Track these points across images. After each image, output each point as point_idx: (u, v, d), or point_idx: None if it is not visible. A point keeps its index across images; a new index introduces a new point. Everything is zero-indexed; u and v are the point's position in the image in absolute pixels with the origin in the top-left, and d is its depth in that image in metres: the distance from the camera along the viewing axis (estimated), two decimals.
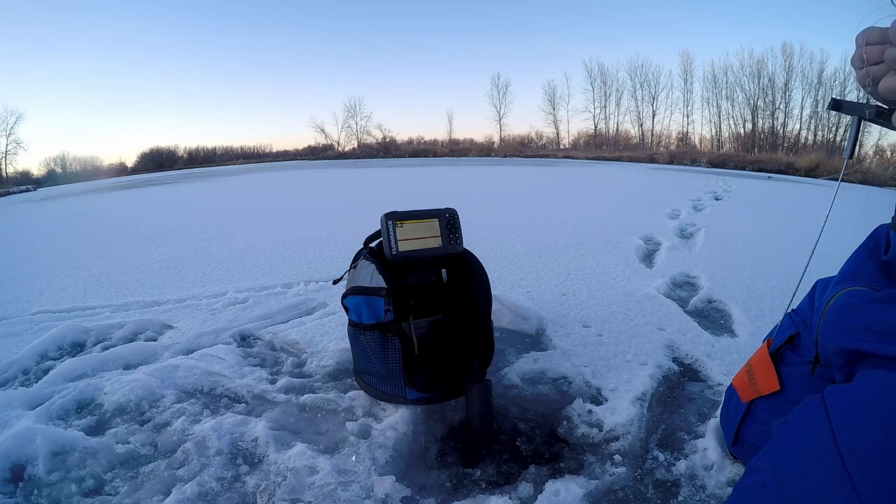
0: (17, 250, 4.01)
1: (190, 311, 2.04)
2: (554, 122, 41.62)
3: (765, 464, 0.44)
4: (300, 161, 40.29)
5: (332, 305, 1.98)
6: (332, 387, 1.34)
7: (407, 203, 4.10)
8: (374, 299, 1.12)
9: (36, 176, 40.78)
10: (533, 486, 0.95)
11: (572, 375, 1.35)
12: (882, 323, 0.47)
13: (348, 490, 0.92)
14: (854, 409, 0.39)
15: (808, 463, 0.39)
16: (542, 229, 3.68)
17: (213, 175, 19.61)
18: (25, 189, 26.74)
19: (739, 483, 0.47)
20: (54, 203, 10.76)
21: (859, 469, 0.35)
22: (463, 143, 46.49)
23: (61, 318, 2.02)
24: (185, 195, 9.54)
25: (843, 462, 0.37)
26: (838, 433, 0.38)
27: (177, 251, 3.40)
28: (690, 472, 0.99)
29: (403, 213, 1.18)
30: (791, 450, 0.42)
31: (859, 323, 0.49)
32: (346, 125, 47.60)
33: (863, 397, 0.40)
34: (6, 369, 1.54)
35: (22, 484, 1.00)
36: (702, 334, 1.65)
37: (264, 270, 2.71)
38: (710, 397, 1.26)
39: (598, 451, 1.06)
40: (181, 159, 49.92)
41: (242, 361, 1.51)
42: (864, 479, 0.35)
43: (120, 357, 1.56)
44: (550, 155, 32.53)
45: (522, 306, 1.80)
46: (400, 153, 42.59)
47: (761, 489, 0.43)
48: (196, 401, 1.30)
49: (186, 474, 1.00)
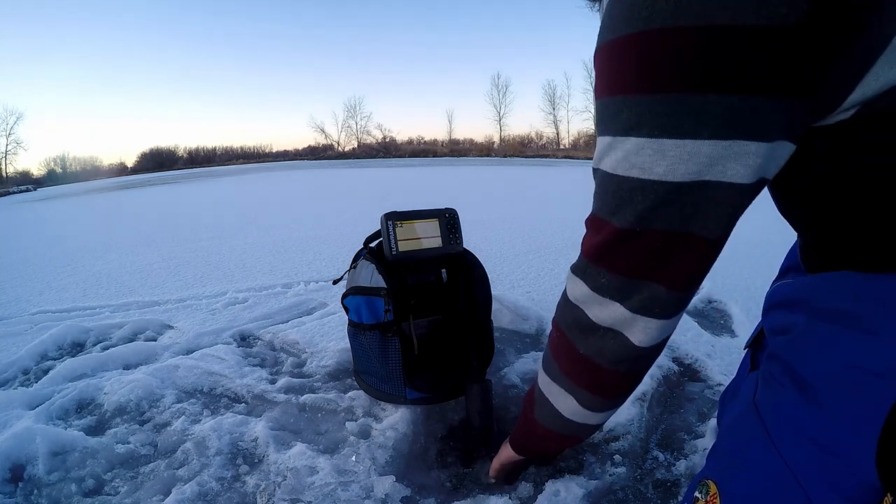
0: (17, 250, 4.01)
1: (190, 311, 2.04)
2: (554, 122, 41.71)
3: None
4: (300, 161, 40.30)
5: (332, 305, 1.98)
6: (332, 387, 1.34)
7: (407, 203, 4.10)
8: (374, 299, 1.12)
9: (36, 176, 40.83)
10: (533, 486, 0.95)
11: None
12: (766, 301, 0.51)
13: (348, 490, 0.92)
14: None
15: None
16: (543, 229, 3.68)
17: (213, 175, 19.62)
18: (25, 189, 26.75)
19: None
20: (54, 203, 10.76)
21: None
22: (463, 143, 46.56)
23: (61, 318, 2.02)
24: (185, 195, 9.54)
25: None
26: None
27: (177, 251, 3.40)
28: (690, 472, 0.98)
29: (403, 213, 1.18)
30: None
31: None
32: (346, 125, 47.65)
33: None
34: (6, 369, 1.54)
35: (22, 484, 1.00)
36: (702, 334, 1.65)
37: (264, 270, 2.71)
38: (710, 397, 1.26)
39: (598, 451, 1.06)
40: (181, 159, 49.96)
41: (242, 361, 1.51)
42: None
43: (120, 357, 1.56)
44: (550, 155, 32.54)
45: (522, 306, 1.80)
46: (400, 153, 42.61)
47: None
48: (196, 401, 1.30)
49: (186, 474, 1.00)
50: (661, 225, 0.39)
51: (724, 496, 0.41)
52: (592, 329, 0.48)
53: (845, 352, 0.35)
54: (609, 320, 0.46)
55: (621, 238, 0.42)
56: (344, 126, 49.03)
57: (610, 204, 0.42)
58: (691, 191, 0.36)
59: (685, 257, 0.40)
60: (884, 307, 0.33)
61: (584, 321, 0.49)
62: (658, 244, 0.40)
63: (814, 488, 0.34)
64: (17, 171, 40.32)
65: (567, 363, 0.53)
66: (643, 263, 0.42)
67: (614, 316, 0.45)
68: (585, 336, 0.49)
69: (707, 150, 0.34)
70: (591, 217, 0.49)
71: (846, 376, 0.34)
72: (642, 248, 0.41)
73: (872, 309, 0.34)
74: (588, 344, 0.49)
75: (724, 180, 0.35)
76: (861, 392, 0.33)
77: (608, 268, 0.45)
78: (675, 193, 0.37)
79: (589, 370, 0.51)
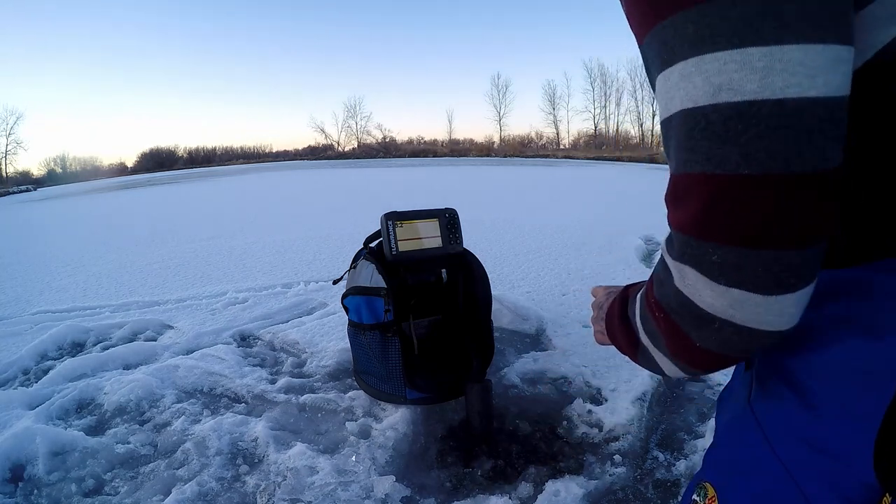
0: (18, 250, 4.01)
1: (190, 311, 2.04)
2: (554, 122, 41.69)
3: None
4: (300, 161, 40.33)
5: (332, 305, 1.98)
6: (332, 387, 1.34)
7: (407, 203, 4.10)
8: (374, 299, 1.12)
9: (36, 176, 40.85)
10: (533, 486, 0.95)
11: (572, 375, 1.35)
12: None
13: (348, 490, 0.92)
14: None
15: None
16: (542, 229, 3.68)
17: (213, 175, 19.62)
18: (25, 189, 26.77)
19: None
20: (54, 203, 10.77)
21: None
22: (463, 143, 46.57)
23: (61, 318, 2.02)
24: (185, 195, 9.54)
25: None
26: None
27: (177, 251, 3.40)
28: (690, 471, 0.99)
29: (403, 213, 1.18)
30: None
31: None
32: (346, 125, 47.66)
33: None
34: (6, 369, 1.54)
35: (22, 484, 1.00)
36: None
37: (264, 270, 2.71)
38: (710, 397, 1.26)
39: (598, 451, 1.06)
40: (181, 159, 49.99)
41: (242, 361, 1.51)
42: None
43: (120, 357, 1.56)
44: (550, 155, 32.57)
45: (522, 306, 1.80)
46: (400, 153, 42.64)
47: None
48: (196, 401, 1.30)
49: (186, 474, 1.00)
50: (773, 164, 0.30)
51: (722, 499, 0.41)
52: (706, 319, 0.37)
53: (841, 351, 0.34)
54: (728, 310, 0.35)
55: (728, 190, 0.32)
56: (344, 126, 49.14)
57: (700, 147, 0.33)
58: (800, 111, 0.29)
59: (811, 201, 0.31)
60: (881, 306, 0.33)
61: (695, 309, 0.38)
62: (775, 189, 0.31)
63: (812, 489, 0.34)
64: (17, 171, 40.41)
65: (678, 349, 0.42)
66: (765, 222, 0.32)
67: (735, 303, 0.35)
68: (699, 326, 0.38)
69: (798, 56, 0.29)
70: (675, 181, 0.37)
71: (842, 376, 0.34)
72: (756, 201, 0.32)
73: (869, 307, 0.34)
74: (702, 336, 0.39)
75: (827, 94, 0.29)
76: (857, 391, 0.33)
77: (719, 240, 0.34)
78: (781, 116, 0.30)
79: (705, 359, 0.40)
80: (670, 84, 0.34)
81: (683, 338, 0.40)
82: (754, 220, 0.32)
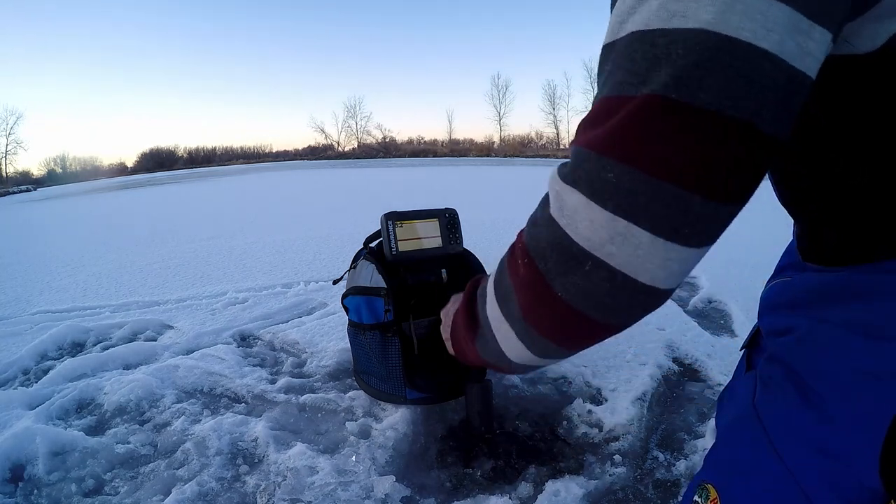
0: (18, 250, 4.01)
1: (190, 311, 2.04)
2: (554, 122, 41.74)
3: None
4: (300, 161, 40.33)
5: (332, 305, 1.98)
6: (332, 387, 1.34)
7: (407, 203, 4.10)
8: (374, 299, 1.12)
9: (36, 176, 40.88)
10: (533, 486, 0.95)
11: (572, 375, 1.35)
12: (762, 301, 0.46)
13: (348, 490, 0.92)
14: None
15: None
16: None
17: (213, 175, 19.62)
18: (25, 189, 26.77)
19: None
20: (54, 203, 10.76)
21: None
22: (463, 143, 46.59)
23: (61, 318, 2.02)
24: (185, 195, 9.54)
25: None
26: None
27: (177, 251, 3.40)
28: (690, 472, 0.99)
29: (403, 213, 1.18)
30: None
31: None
32: (346, 125, 47.69)
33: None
34: (6, 369, 1.54)
35: (22, 484, 1.00)
36: (702, 334, 1.65)
37: (264, 270, 2.71)
38: (710, 397, 1.26)
39: (598, 451, 1.06)
40: (181, 159, 50.00)
41: (242, 361, 1.51)
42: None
43: (120, 357, 1.56)
44: (551, 155, 32.57)
45: None
46: (400, 153, 42.64)
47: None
48: (196, 401, 1.30)
49: (186, 474, 1.00)
50: (706, 97, 0.28)
51: (724, 500, 0.40)
52: (577, 259, 0.32)
53: (849, 355, 0.34)
54: (607, 246, 0.31)
55: (648, 111, 0.29)
56: (344, 126, 49.16)
57: (638, 69, 0.30)
58: (748, 56, 0.27)
59: (735, 151, 0.29)
60: (889, 308, 0.33)
61: (567, 245, 0.33)
62: (701, 123, 0.28)
63: (816, 493, 0.34)
64: (17, 171, 40.47)
65: (532, 305, 0.37)
66: (676, 153, 0.28)
67: (618, 236, 0.30)
68: (566, 270, 0.33)
69: (761, 5, 0.27)
70: (599, 103, 0.33)
71: (850, 380, 0.33)
72: (676, 129, 0.28)
73: (877, 310, 0.33)
74: (567, 284, 0.33)
75: (780, 55, 0.27)
76: (865, 395, 0.32)
77: (621, 158, 0.30)
78: (727, 53, 0.27)
79: (562, 319, 0.35)
80: (626, 6, 0.32)
81: (543, 287, 0.36)
82: (666, 148, 0.29)
